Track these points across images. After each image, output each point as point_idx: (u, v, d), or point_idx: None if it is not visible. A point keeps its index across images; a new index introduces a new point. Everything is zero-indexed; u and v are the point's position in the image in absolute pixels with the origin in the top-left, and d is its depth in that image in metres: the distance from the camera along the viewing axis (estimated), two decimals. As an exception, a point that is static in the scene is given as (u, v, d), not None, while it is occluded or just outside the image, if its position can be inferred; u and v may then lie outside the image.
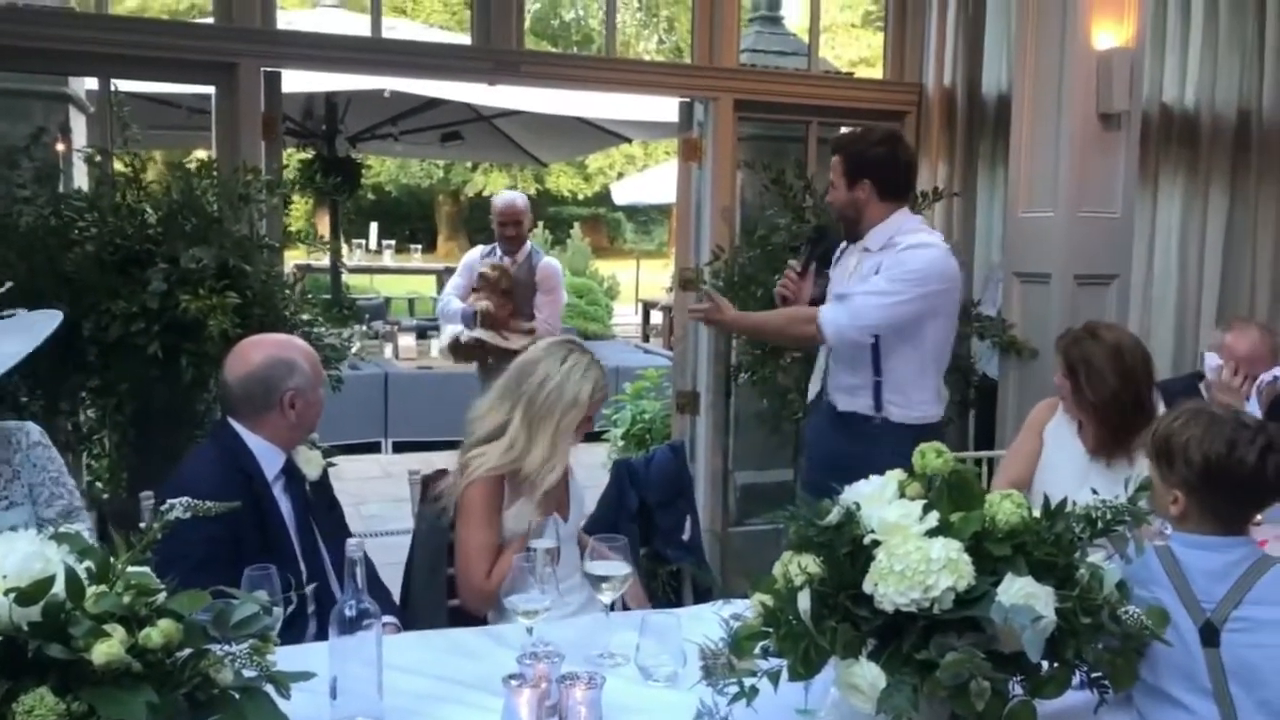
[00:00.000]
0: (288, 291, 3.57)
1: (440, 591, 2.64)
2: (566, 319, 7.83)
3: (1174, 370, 4.69)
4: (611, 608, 2.11)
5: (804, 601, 1.58)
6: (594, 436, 5.86)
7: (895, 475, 1.76)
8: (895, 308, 3.00)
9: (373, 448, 8.08)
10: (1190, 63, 5.02)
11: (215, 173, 3.50)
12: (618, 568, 2.01)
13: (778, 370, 4.23)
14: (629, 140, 10.97)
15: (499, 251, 5.08)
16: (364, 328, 9.99)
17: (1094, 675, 1.68)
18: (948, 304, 3.12)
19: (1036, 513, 1.70)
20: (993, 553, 1.62)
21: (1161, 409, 3.23)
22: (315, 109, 10.12)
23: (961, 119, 4.72)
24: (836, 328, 3.04)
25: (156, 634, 1.28)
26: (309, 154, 10.49)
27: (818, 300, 3.25)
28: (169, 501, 1.46)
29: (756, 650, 1.67)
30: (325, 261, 10.23)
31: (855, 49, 20.38)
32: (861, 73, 12.81)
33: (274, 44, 3.91)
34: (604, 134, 10.00)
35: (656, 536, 3.13)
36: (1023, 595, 1.56)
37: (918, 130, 4.77)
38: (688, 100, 4.64)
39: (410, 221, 25.09)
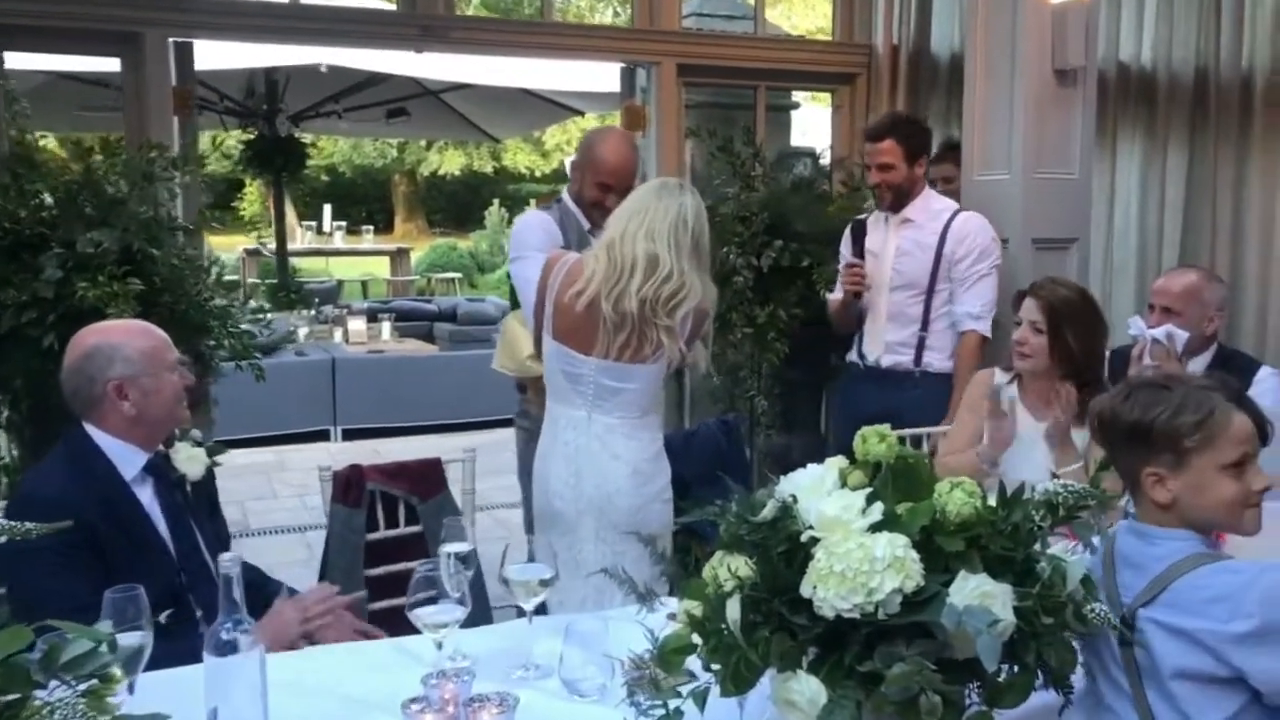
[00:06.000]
0: (203, 276, 3.34)
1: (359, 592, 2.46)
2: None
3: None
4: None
5: (733, 610, 1.40)
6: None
7: (836, 463, 1.59)
8: (994, 278, 3.47)
9: (321, 435, 7.83)
10: (1146, 19, 4.89)
11: (118, 151, 3.26)
12: (537, 570, 1.83)
13: (728, 347, 4.05)
14: (581, 113, 10.74)
15: (586, 222, 3.14)
16: (311, 312, 9.73)
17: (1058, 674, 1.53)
18: None
19: (991, 499, 1.54)
20: (944, 548, 1.45)
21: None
22: (257, 87, 9.81)
23: (912, 80, 4.56)
24: (986, 324, 3.44)
25: (-39, 683, 1.09)
26: (251, 134, 10.19)
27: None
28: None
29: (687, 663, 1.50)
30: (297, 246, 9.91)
31: (811, 19, 20.15)
32: (816, 41, 12.57)
33: (182, 11, 3.66)
34: (555, 107, 9.77)
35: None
36: (978, 595, 1.40)
37: (868, 93, 4.60)
38: (629, 65, 4.43)
39: (367, 203, 24.66)
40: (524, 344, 2.93)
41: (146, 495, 2.11)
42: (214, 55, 7.11)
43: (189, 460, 2.18)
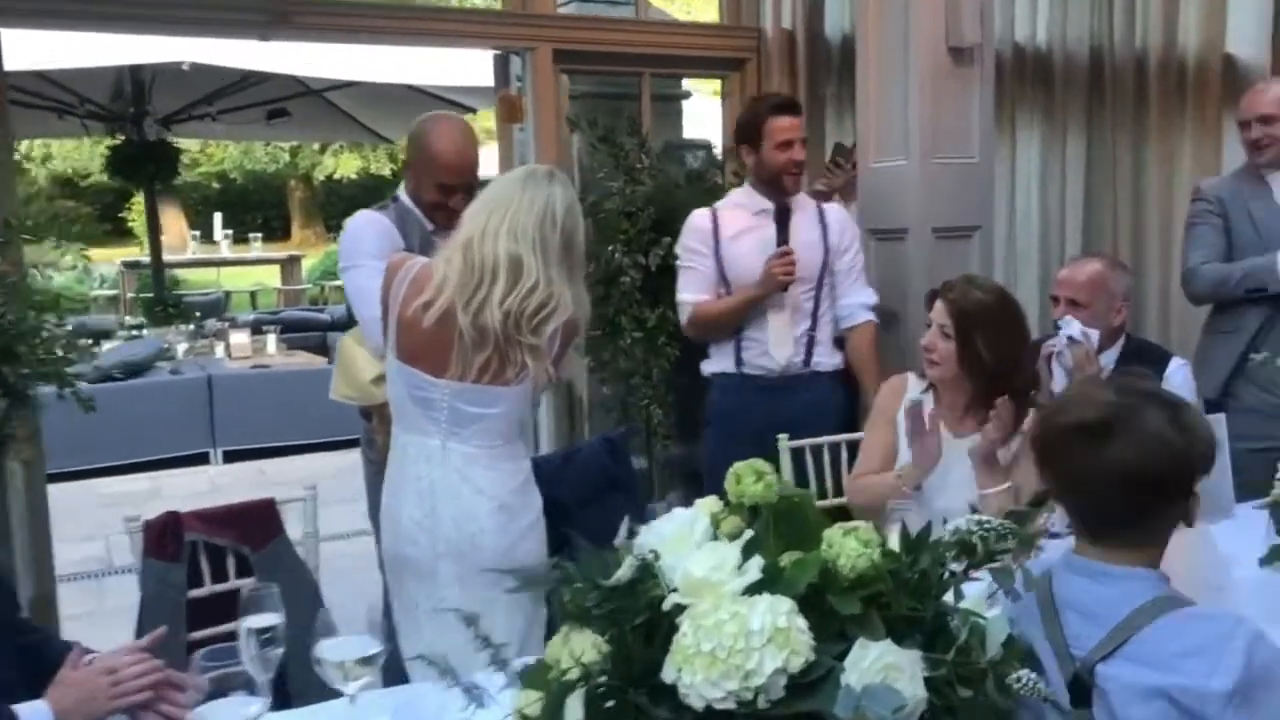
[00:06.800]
0: (13, 296, 2.93)
1: (181, 661, 2.10)
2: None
3: (1040, 329, 4.41)
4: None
5: (574, 711, 1.11)
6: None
7: (707, 505, 1.30)
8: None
9: (202, 459, 7.33)
10: (1040, -2, 4.75)
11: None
12: (357, 647, 1.50)
13: (618, 353, 3.77)
14: (473, 110, 10.34)
15: (429, 223, 2.77)
16: (191, 327, 9.18)
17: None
18: None
19: (893, 541, 1.27)
20: (837, 609, 1.18)
21: None
22: (125, 89, 9.21)
23: (804, 64, 4.32)
24: (876, 308, 3.36)
25: None
26: (118, 140, 9.57)
27: None
28: None
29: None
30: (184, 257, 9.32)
31: (708, 11, 20.04)
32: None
33: (-18, -4, 3.22)
34: (444, 104, 9.37)
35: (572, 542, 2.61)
36: (880, 669, 1.13)
37: (759, 78, 4.35)
38: (501, 52, 4.11)
39: (263, 209, 23.82)
40: (364, 367, 2.59)
41: None
42: (71, 53, 6.57)
43: None
